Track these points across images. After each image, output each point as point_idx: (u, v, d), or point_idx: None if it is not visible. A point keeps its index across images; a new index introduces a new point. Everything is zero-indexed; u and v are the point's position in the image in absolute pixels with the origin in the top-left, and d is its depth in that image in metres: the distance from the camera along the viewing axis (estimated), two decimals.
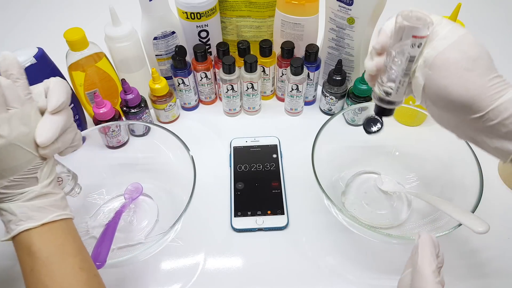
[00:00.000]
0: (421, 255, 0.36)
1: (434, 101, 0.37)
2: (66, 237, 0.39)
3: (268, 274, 0.55)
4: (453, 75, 0.34)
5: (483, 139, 0.36)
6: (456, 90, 0.34)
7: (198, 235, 0.59)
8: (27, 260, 0.37)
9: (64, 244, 0.39)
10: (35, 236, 0.37)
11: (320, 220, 0.60)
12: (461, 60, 0.34)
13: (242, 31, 0.75)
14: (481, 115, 0.34)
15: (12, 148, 0.36)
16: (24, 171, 0.38)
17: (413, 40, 0.35)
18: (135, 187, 0.63)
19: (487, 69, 0.34)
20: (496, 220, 0.49)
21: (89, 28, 0.65)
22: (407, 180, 0.64)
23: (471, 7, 0.78)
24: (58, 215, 0.39)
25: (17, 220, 0.37)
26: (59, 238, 0.38)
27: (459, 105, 0.35)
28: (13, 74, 0.37)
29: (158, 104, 0.70)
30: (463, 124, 0.37)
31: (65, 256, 0.38)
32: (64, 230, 0.39)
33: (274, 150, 0.69)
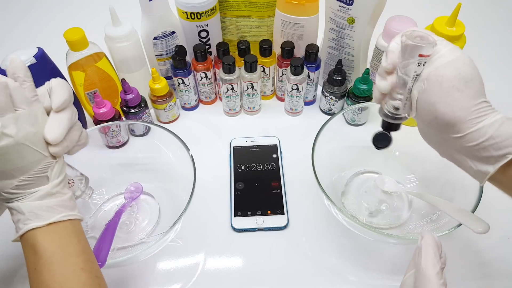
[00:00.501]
0: (424, 256, 0.36)
1: (421, 115, 0.39)
2: (71, 237, 0.39)
3: (268, 274, 0.55)
4: (443, 93, 0.36)
5: (464, 160, 0.38)
6: (443, 108, 0.36)
7: (198, 235, 0.59)
8: (31, 259, 0.38)
9: (68, 244, 0.39)
10: (40, 235, 0.38)
11: (320, 220, 0.60)
12: (454, 79, 0.36)
13: (242, 31, 0.75)
14: (461, 136, 0.36)
15: (21, 148, 0.37)
16: (34, 170, 0.38)
17: (419, 59, 0.37)
18: (135, 187, 0.63)
19: (477, 93, 0.36)
20: (496, 220, 0.49)
21: (89, 28, 0.65)
22: (407, 180, 0.64)
23: (471, 7, 0.78)
24: (65, 215, 0.39)
25: (25, 219, 0.38)
26: (63, 238, 0.39)
27: (443, 123, 0.36)
28: (20, 77, 0.38)
29: (158, 104, 0.71)
30: (445, 142, 0.38)
31: (67, 256, 0.38)
32: (70, 230, 0.40)
33: (274, 150, 0.69)
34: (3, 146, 0.36)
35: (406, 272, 0.38)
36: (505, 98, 0.77)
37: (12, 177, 0.37)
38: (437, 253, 0.37)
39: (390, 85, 0.41)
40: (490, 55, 0.85)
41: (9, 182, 0.37)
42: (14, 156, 0.37)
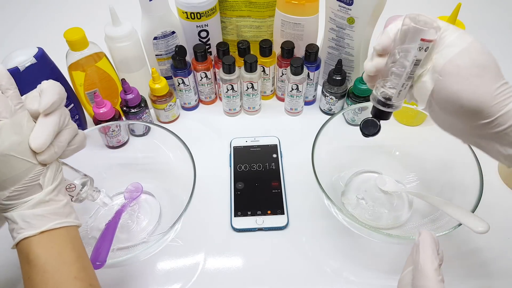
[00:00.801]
0: (422, 253, 0.36)
1: (443, 107, 0.37)
2: (65, 245, 0.39)
3: (268, 274, 0.55)
4: (464, 81, 0.35)
5: (492, 145, 0.37)
6: (467, 96, 0.35)
7: (198, 235, 0.59)
8: (25, 268, 0.37)
9: (61, 252, 0.38)
10: (33, 244, 0.37)
11: (320, 220, 0.60)
12: (471, 67, 0.35)
13: (242, 31, 0.75)
14: (490, 121, 0.35)
15: (7, 158, 0.36)
16: (25, 180, 0.37)
17: (421, 43, 0.35)
18: (135, 187, 0.63)
19: (496, 76, 0.35)
20: (496, 220, 0.49)
21: (89, 28, 0.65)
22: (407, 180, 0.64)
23: (471, 7, 0.78)
24: (58, 223, 0.39)
25: (18, 228, 0.37)
26: (56, 246, 0.38)
27: (469, 111, 0.35)
28: (2, 85, 0.37)
29: (158, 104, 0.71)
30: (471, 130, 0.37)
31: (61, 265, 0.38)
32: (64, 238, 0.39)
33: (274, 150, 0.69)
34: None
35: (404, 269, 0.38)
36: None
37: (3, 189, 0.37)
38: (435, 250, 0.37)
39: (375, 67, 0.39)
40: None
41: (1, 193, 0.37)
42: (1, 167, 0.36)
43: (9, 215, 0.38)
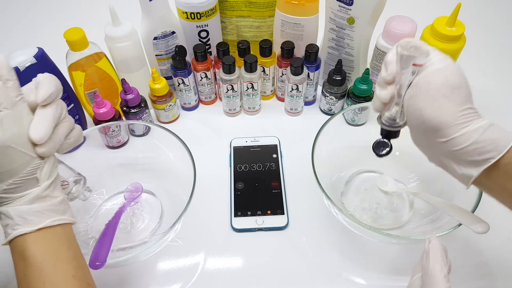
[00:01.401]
0: (432, 260, 0.37)
1: (409, 120, 0.40)
2: (62, 243, 0.38)
3: (268, 274, 0.55)
4: (431, 98, 0.37)
5: (450, 164, 0.39)
6: (429, 113, 0.37)
7: (198, 235, 0.59)
8: (20, 266, 0.37)
9: (58, 250, 0.38)
10: (30, 241, 0.37)
11: (320, 220, 0.60)
12: (441, 86, 0.37)
13: (242, 31, 0.75)
14: (446, 140, 0.37)
15: (7, 150, 0.35)
16: (22, 173, 0.37)
17: (413, 68, 0.38)
18: (135, 187, 0.63)
19: (463, 100, 0.37)
20: (496, 220, 0.49)
21: (89, 28, 0.65)
22: (407, 180, 0.64)
23: (471, 7, 0.78)
24: (55, 220, 0.38)
25: (14, 224, 0.37)
26: (53, 244, 0.38)
27: (429, 127, 0.37)
28: (2, 75, 0.36)
29: (158, 104, 0.71)
30: (432, 147, 0.39)
31: (58, 263, 0.37)
32: (60, 235, 0.39)
33: (274, 150, 0.69)
34: None
35: (412, 275, 0.39)
36: (505, 97, 0.77)
37: (0, 181, 0.36)
38: (444, 257, 0.37)
39: (390, 95, 0.41)
40: (490, 55, 0.85)
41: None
42: (1, 159, 0.35)
43: (3, 210, 0.37)
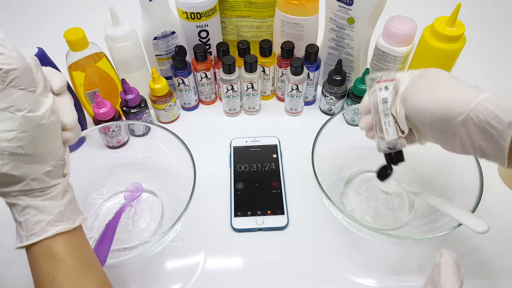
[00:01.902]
0: (443, 275, 0.36)
1: (420, 123, 0.40)
2: (85, 244, 0.37)
3: (268, 274, 0.55)
4: (425, 94, 0.38)
5: (479, 145, 0.37)
6: (431, 104, 0.37)
7: (198, 235, 0.59)
8: (50, 269, 0.34)
9: (85, 253, 0.36)
10: (62, 242, 0.34)
11: (320, 220, 0.60)
12: (428, 83, 0.38)
13: (242, 31, 0.75)
14: (464, 118, 0.36)
15: (54, 129, 0.35)
16: (58, 156, 0.36)
17: (377, 85, 0.42)
18: (135, 187, 0.63)
19: (455, 82, 0.38)
20: (496, 220, 0.49)
21: (89, 28, 0.65)
22: (407, 180, 0.64)
23: (471, 7, 0.78)
24: (83, 218, 0.37)
25: (53, 221, 0.34)
26: (82, 246, 0.36)
27: (440, 116, 0.37)
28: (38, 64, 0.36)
29: (158, 104, 0.71)
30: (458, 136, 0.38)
31: (89, 267, 0.36)
32: (83, 235, 0.37)
33: (274, 150, 0.69)
34: (52, 121, 0.34)
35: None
36: None
37: (45, 161, 0.35)
38: (456, 271, 0.36)
39: (365, 123, 0.45)
40: (490, 55, 0.85)
41: (42, 167, 0.35)
42: (52, 135, 0.35)
43: (39, 204, 0.35)
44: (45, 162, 0.35)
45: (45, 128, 0.34)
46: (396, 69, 0.67)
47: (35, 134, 0.33)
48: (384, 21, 0.65)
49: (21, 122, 0.32)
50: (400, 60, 0.65)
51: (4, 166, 0.32)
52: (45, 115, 0.34)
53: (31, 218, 0.34)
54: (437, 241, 0.57)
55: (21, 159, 0.33)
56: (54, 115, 0.35)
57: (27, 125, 0.32)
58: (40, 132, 0.34)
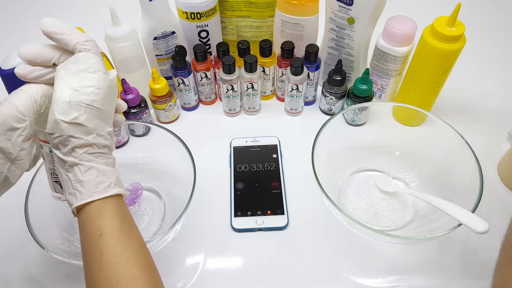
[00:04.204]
0: None
1: None
2: (128, 211, 0.40)
3: (268, 274, 0.55)
4: None
5: None
6: None
7: (198, 235, 0.59)
8: (100, 224, 0.37)
9: (129, 216, 0.40)
10: (113, 203, 0.38)
11: (320, 220, 0.60)
12: None
13: (242, 31, 0.75)
14: None
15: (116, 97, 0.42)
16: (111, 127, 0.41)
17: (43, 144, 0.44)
18: (135, 187, 0.63)
19: None
20: (496, 220, 0.49)
21: (89, 28, 0.64)
22: (407, 180, 0.64)
23: (471, 7, 0.78)
24: None
25: (113, 184, 0.39)
26: (126, 210, 0.40)
27: None
28: None
29: (158, 104, 0.71)
30: None
31: (132, 228, 0.39)
32: (125, 204, 0.41)
33: (274, 150, 0.69)
34: (117, 88, 0.41)
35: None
36: (505, 97, 0.77)
37: (108, 122, 0.40)
38: None
39: None
40: (490, 55, 0.85)
41: (105, 126, 0.39)
42: (114, 101, 0.41)
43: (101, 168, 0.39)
44: (108, 122, 0.40)
45: (112, 90, 0.40)
46: (396, 69, 0.67)
47: (106, 92, 0.39)
48: (384, 21, 0.65)
49: (99, 80, 0.38)
50: (400, 60, 0.65)
51: (81, 116, 0.37)
52: (114, 80, 0.40)
53: (94, 178, 0.38)
54: (437, 241, 0.57)
55: (93, 113, 0.38)
56: (117, 85, 0.41)
57: (102, 83, 0.38)
58: (110, 92, 0.39)
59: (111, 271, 0.35)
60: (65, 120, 0.37)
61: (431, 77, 0.63)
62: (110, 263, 0.35)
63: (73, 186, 0.38)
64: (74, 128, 0.37)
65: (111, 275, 0.35)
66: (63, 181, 0.39)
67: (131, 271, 0.36)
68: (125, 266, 0.36)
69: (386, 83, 0.71)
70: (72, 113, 0.37)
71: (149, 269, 0.38)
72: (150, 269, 0.38)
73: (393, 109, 0.69)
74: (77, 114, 0.37)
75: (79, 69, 0.38)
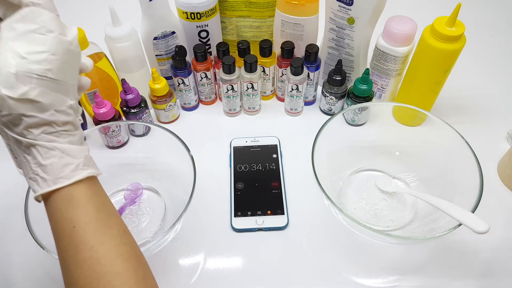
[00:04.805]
0: None
1: None
2: (105, 193, 0.35)
3: (268, 274, 0.55)
4: None
5: None
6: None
7: (198, 235, 0.59)
8: (71, 215, 0.32)
9: (105, 201, 0.34)
10: (84, 188, 0.33)
11: (320, 220, 0.60)
12: None
13: (242, 31, 0.75)
14: None
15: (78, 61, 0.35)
16: (76, 96, 0.34)
17: None
18: (135, 187, 0.63)
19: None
20: (496, 220, 0.49)
21: (89, 28, 0.65)
22: (407, 180, 0.64)
23: (471, 7, 0.78)
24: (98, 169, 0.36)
25: (81, 165, 0.33)
26: (102, 194, 0.34)
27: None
28: None
29: (158, 104, 0.71)
30: None
31: (110, 215, 0.34)
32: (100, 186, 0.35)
33: (274, 150, 0.69)
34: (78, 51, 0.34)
35: None
36: (505, 97, 0.77)
37: (69, 93, 0.33)
38: None
39: None
40: (490, 55, 0.85)
41: (66, 99, 0.33)
42: (75, 67, 0.34)
43: (66, 147, 0.33)
44: (69, 94, 0.33)
45: (73, 55, 0.33)
46: (396, 69, 0.67)
47: (64, 59, 0.32)
48: (384, 21, 0.65)
49: (52, 43, 0.31)
50: (400, 60, 0.65)
51: (32, 90, 0.30)
52: (74, 41, 0.33)
53: (58, 161, 0.32)
54: (437, 241, 0.57)
55: (48, 85, 0.31)
56: (78, 47, 0.34)
57: (57, 47, 0.31)
58: (69, 58, 0.32)
59: (90, 268, 0.31)
60: (12, 96, 0.30)
61: (431, 77, 0.63)
62: (87, 259, 0.31)
63: (33, 170, 0.32)
64: (25, 105, 0.30)
65: (90, 272, 0.31)
66: (22, 163, 0.33)
67: (113, 265, 0.32)
68: (106, 260, 0.31)
69: (386, 83, 0.71)
70: (20, 87, 0.30)
71: (134, 260, 0.33)
72: (135, 259, 0.34)
73: (393, 109, 0.69)
74: (26, 88, 0.30)
75: (27, 29, 0.31)
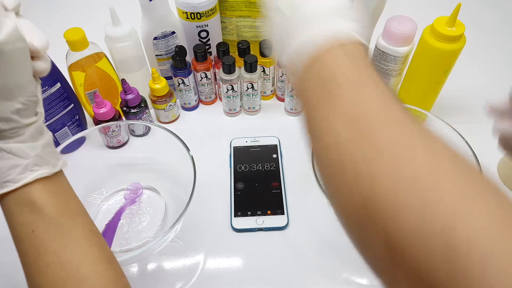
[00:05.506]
0: None
1: None
2: (70, 192, 0.33)
3: (268, 274, 0.55)
4: None
5: None
6: None
7: (198, 235, 0.59)
8: (27, 219, 0.30)
9: (68, 201, 0.32)
10: (42, 189, 0.30)
11: (320, 220, 0.60)
12: None
13: (242, 31, 0.75)
14: None
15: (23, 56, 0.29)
16: (28, 92, 0.30)
17: None
18: (135, 187, 0.63)
19: None
20: None
21: (89, 28, 0.65)
22: None
23: (471, 7, 0.78)
24: (62, 162, 0.32)
25: (31, 165, 0.30)
26: (65, 193, 0.32)
27: None
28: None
29: (158, 104, 0.71)
30: None
31: (73, 216, 0.31)
32: (65, 183, 0.33)
33: (274, 150, 0.69)
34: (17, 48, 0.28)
35: None
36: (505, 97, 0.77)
37: (13, 97, 0.29)
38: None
39: None
40: (490, 55, 0.85)
41: (9, 104, 0.29)
42: (18, 65, 0.29)
43: (13, 147, 0.29)
44: (13, 98, 0.29)
45: (9, 56, 0.28)
46: (396, 69, 0.67)
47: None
48: (384, 21, 0.65)
49: None
50: (400, 60, 0.65)
51: None
52: (8, 39, 0.27)
53: (4, 163, 0.29)
54: None
55: None
56: (20, 41, 0.29)
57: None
58: (3, 60, 0.28)
59: (54, 272, 0.29)
60: None
61: (431, 77, 0.63)
62: (51, 263, 0.29)
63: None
64: None
65: (54, 278, 0.29)
66: None
67: (79, 270, 0.29)
68: (71, 265, 0.29)
69: None
70: None
71: (102, 262, 0.31)
72: (104, 261, 0.31)
73: None
74: None
75: None
